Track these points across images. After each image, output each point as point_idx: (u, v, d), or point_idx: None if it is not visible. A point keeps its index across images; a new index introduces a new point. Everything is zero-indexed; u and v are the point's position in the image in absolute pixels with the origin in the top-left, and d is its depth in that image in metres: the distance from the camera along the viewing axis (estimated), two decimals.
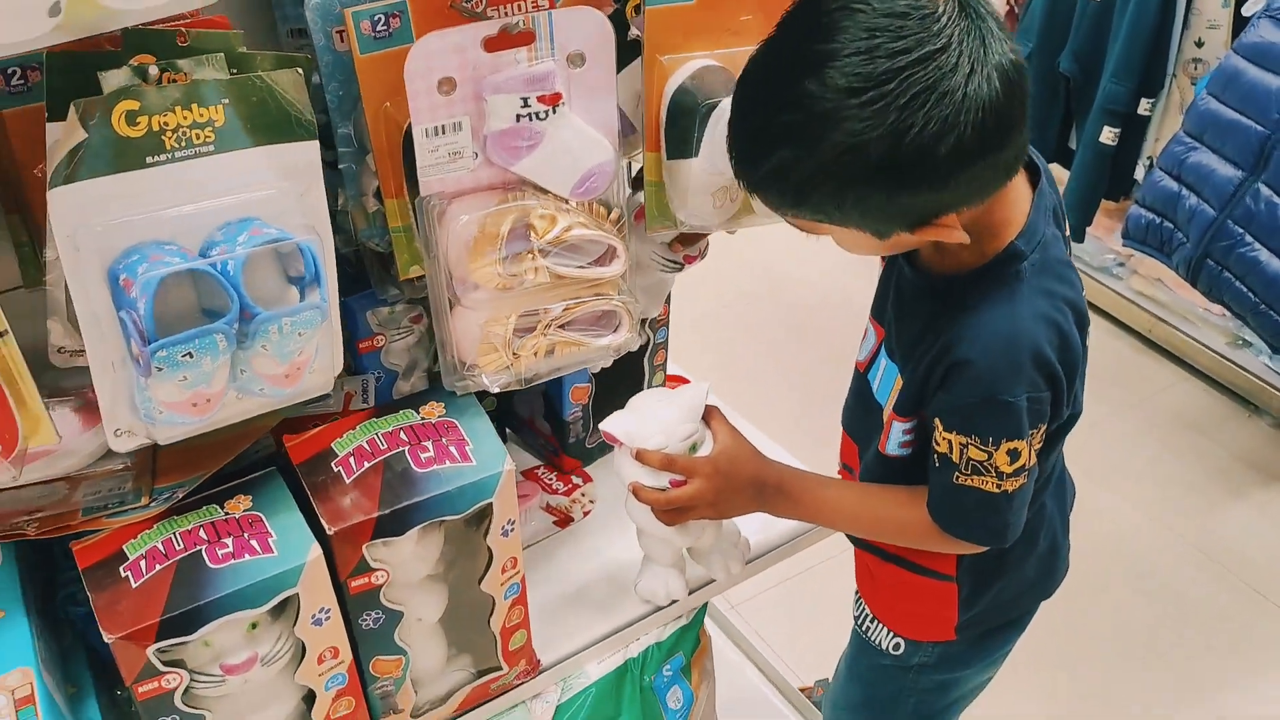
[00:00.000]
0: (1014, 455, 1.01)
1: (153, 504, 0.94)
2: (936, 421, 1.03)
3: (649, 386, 1.41)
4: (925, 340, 1.04)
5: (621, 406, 1.12)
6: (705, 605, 1.29)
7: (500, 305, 0.94)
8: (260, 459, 1.06)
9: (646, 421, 1.09)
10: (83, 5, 0.65)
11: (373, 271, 1.10)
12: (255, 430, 1.01)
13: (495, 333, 0.94)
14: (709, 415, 1.14)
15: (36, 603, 0.99)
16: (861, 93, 0.83)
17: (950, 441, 1.02)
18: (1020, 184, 1.01)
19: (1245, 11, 2.10)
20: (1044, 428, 1.03)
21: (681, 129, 0.98)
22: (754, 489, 1.12)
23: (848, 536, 1.25)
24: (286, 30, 1.06)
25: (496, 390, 0.97)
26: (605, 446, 1.30)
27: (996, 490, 1.02)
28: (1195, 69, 2.37)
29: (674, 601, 1.19)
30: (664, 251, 1.13)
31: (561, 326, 0.96)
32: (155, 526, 0.92)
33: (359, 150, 0.99)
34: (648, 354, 1.39)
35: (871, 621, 1.31)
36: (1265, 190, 1.95)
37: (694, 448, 1.11)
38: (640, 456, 1.09)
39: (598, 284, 0.96)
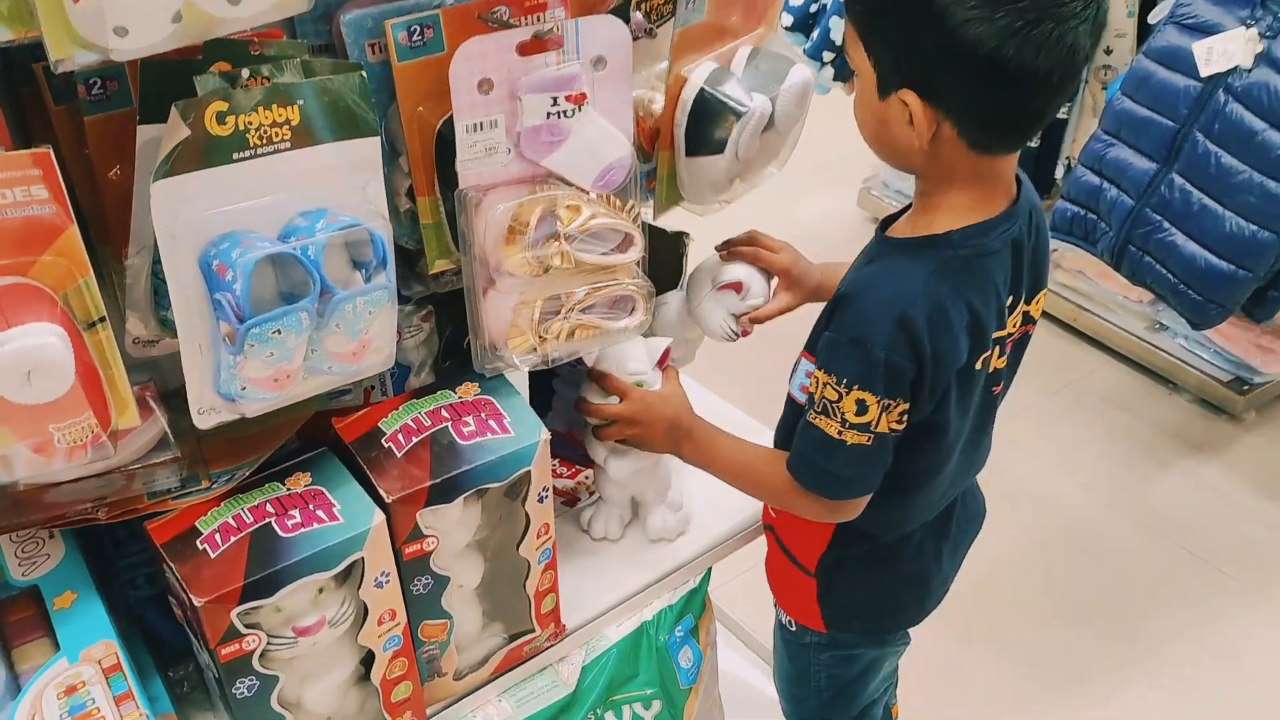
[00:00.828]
0: (861, 407, 1.05)
1: (214, 486, 1.01)
2: (814, 360, 1.11)
3: None
4: (841, 285, 1.12)
5: None
6: (709, 570, 1.38)
7: (529, 290, 1.03)
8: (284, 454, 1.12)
9: (609, 353, 1.24)
10: (198, 13, 0.73)
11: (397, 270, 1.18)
12: (296, 420, 1.08)
13: (524, 316, 1.03)
14: (666, 372, 1.26)
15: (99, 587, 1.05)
16: None
17: (816, 379, 1.09)
18: (989, 195, 1.07)
19: (1150, 19, 2.29)
20: (901, 406, 1.06)
21: (707, 131, 1.09)
22: (669, 426, 1.23)
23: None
24: (308, 48, 1.14)
25: (525, 370, 1.05)
26: None
27: (836, 436, 1.08)
28: (1105, 74, 2.56)
29: (607, 539, 1.35)
30: (734, 326, 1.27)
31: (583, 310, 1.05)
32: (223, 504, 0.99)
33: (391, 153, 1.07)
34: None
35: (775, 603, 1.42)
36: (1178, 179, 2.13)
37: (639, 385, 1.25)
38: (589, 372, 1.24)
39: (615, 269, 1.06)
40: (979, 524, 1.39)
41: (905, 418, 1.08)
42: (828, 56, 2.85)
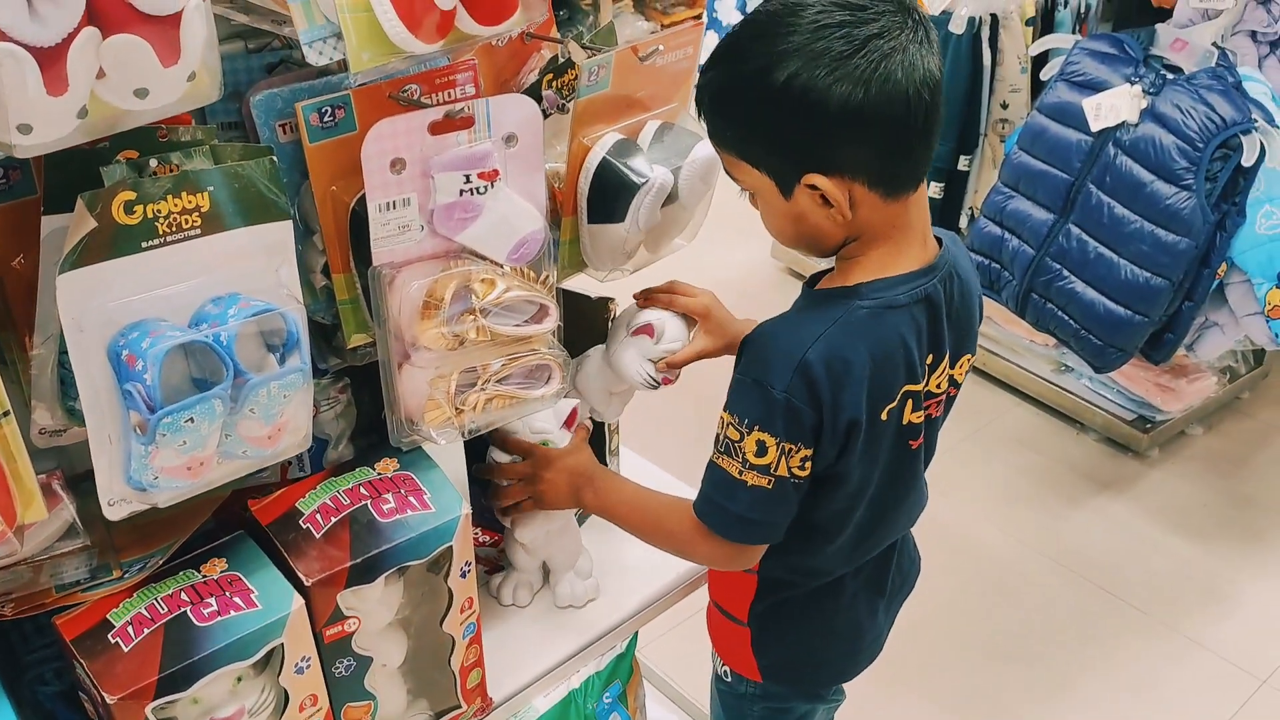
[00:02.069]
0: (761, 449, 1.07)
1: (126, 575, 0.99)
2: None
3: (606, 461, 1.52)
4: (751, 331, 1.15)
5: None
6: (636, 634, 1.39)
7: (444, 364, 1.03)
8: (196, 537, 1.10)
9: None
10: (104, 107, 0.73)
11: (313, 345, 1.18)
12: (211, 503, 1.07)
13: (440, 389, 1.03)
14: (577, 431, 1.29)
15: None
16: (790, 33, 1.00)
17: (721, 419, 1.11)
18: (903, 249, 1.10)
19: (1043, 76, 2.39)
20: (803, 451, 1.08)
21: (608, 199, 1.11)
22: (569, 477, 1.25)
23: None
24: (216, 125, 1.14)
25: (442, 443, 1.06)
26: None
27: (737, 476, 1.10)
28: (1003, 128, 2.66)
29: (515, 606, 1.36)
30: (651, 372, 1.26)
31: (499, 381, 1.05)
32: (135, 595, 0.96)
33: (305, 231, 1.07)
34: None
35: (713, 651, 1.42)
36: (1075, 229, 2.21)
37: (546, 444, 1.26)
38: (493, 435, 1.25)
39: (531, 340, 1.06)
40: (913, 581, 1.41)
41: (807, 464, 1.10)
42: None
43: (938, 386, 1.17)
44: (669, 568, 1.42)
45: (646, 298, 1.31)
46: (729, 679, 1.40)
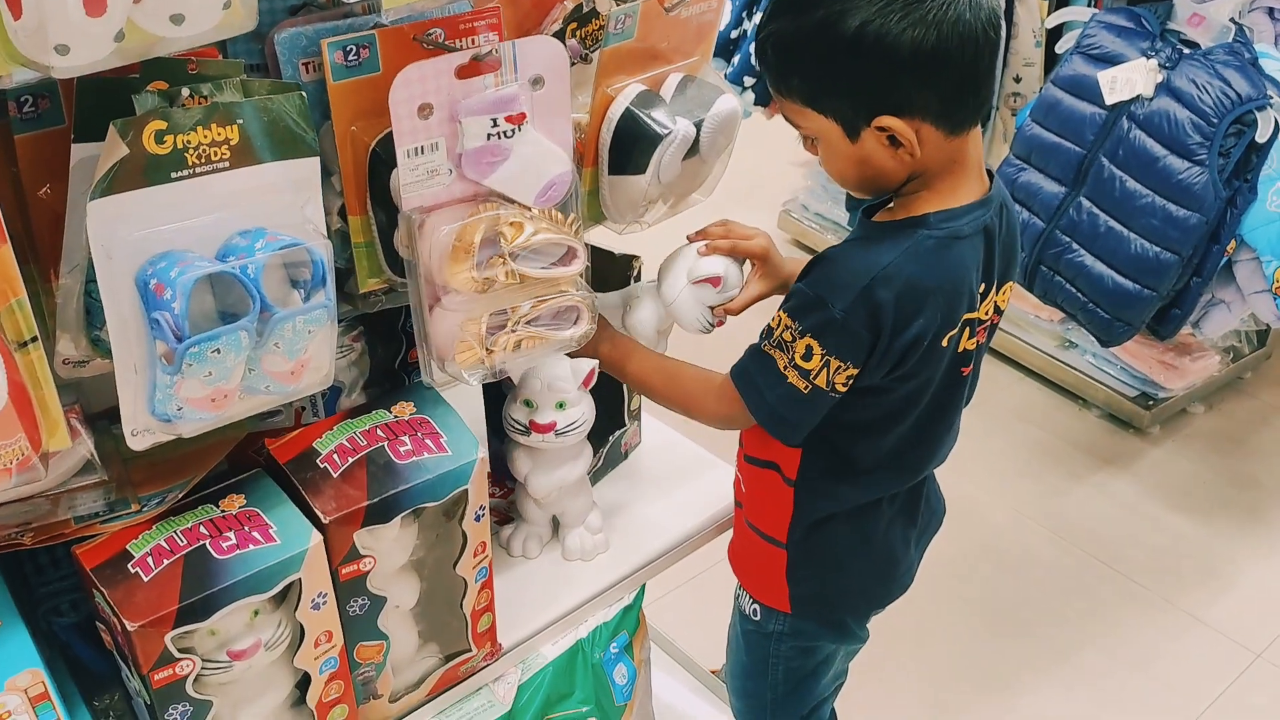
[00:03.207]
0: (808, 354, 1.12)
1: (144, 509, 1.00)
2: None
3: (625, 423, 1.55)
4: (823, 251, 1.19)
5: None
6: (644, 586, 1.40)
7: (474, 306, 1.03)
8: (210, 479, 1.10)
9: (536, 372, 1.26)
10: (141, 33, 0.73)
11: None
12: (229, 441, 1.08)
13: (471, 331, 1.04)
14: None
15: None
16: None
17: (778, 317, 1.16)
18: (961, 182, 1.14)
19: (1058, 49, 2.38)
20: (848, 370, 1.13)
21: (629, 150, 1.11)
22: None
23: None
24: (243, 65, 1.14)
25: (474, 384, 1.06)
26: None
27: (781, 369, 1.15)
28: (1015, 101, 2.65)
29: (525, 558, 1.37)
30: (710, 319, 1.28)
31: (529, 323, 1.06)
32: (154, 527, 0.97)
33: (322, 172, 1.07)
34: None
35: (739, 589, 1.45)
36: (1086, 203, 2.21)
37: (561, 405, 1.27)
38: None
39: (559, 282, 1.07)
40: (939, 521, 1.44)
41: (850, 383, 1.14)
42: (748, 81, 2.90)
43: (985, 313, 1.21)
44: (678, 524, 1.43)
45: (708, 245, 1.31)
46: (757, 617, 1.40)
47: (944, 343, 1.15)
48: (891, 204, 1.18)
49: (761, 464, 1.31)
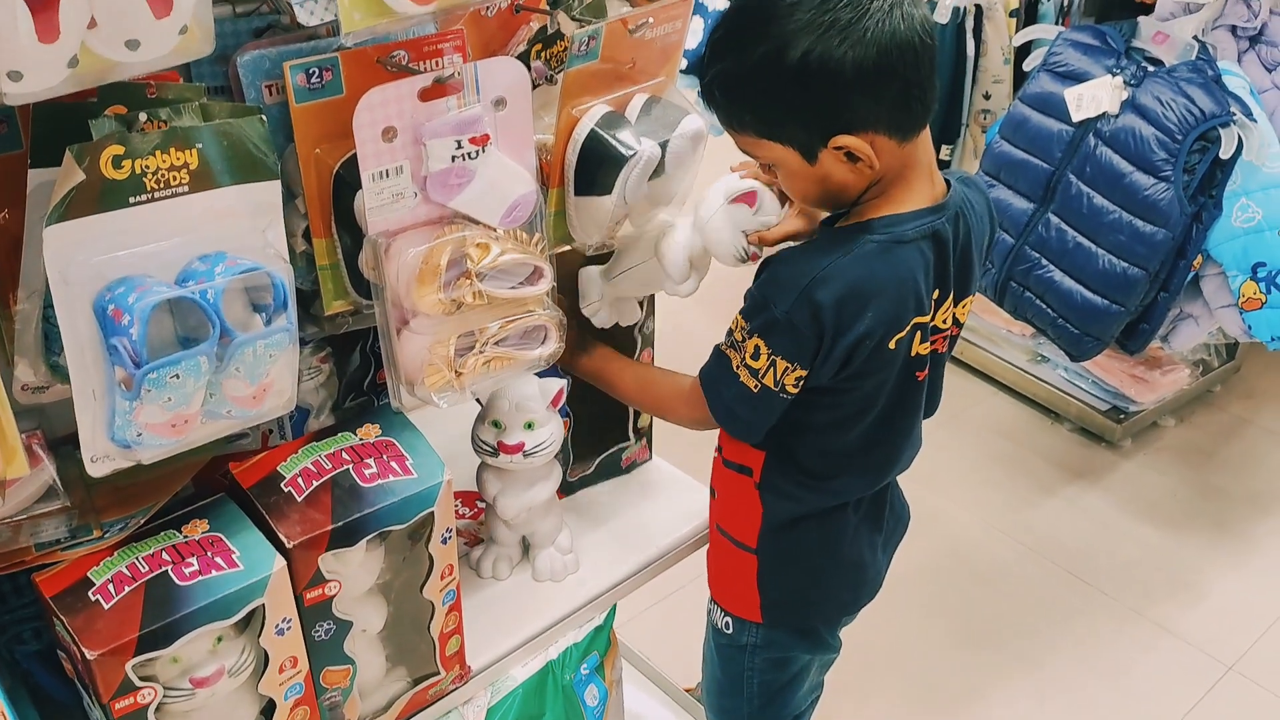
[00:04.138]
0: (756, 354, 1.17)
1: (106, 535, 0.99)
2: None
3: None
4: (770, 255, 1.24)
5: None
6: (615, 606, 1.39)
7: (442, 329, 1.03)
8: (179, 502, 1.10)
9: (505, 393, 1.27)
10: (95, 58, 0.72)
11: None
12: (192, 466, 1.07)
13: (439, 354, 1.03)
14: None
15: None
16: (793, 12, 1.07)
17: (735, 318, 1.21)
18: (911, 188, 1.16)
19: (1025, 67, 2.40)
20: (796, 371, 1.16)
21: (595, 171, 1.11)
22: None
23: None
24: (204, 89, 1.13)
25: (444, 406, 1.06)
26: None
27: (734, 369, 1.20)
28: (985, 119, 2.67)
29: (495, 579, 1.37)
30: (744, 245, 1.25)
31: (497, 343, 1.06)
32: (115, 554, 0.96)
33: (286, 194, 1.07)
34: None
35: (711, 603, 1.45)
36: (1054, 219, 2.23)
37: (530, 425, 1.27)
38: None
39: (526, 302, 1.07)
40: (904, 527, 1.46)
41: (800, 384, 1.18)
42: None
43: (944, 322, 1.23)
44: (649, 543, 1.43)
45: (745, 168, 1.31)
46: (730, 630, 1.42)
47: (891, 345, 1.17)
48: (849, 211, 1.21)
49: (737, 468, 1.33)
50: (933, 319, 1.21)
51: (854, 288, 1.13)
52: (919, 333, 1.19)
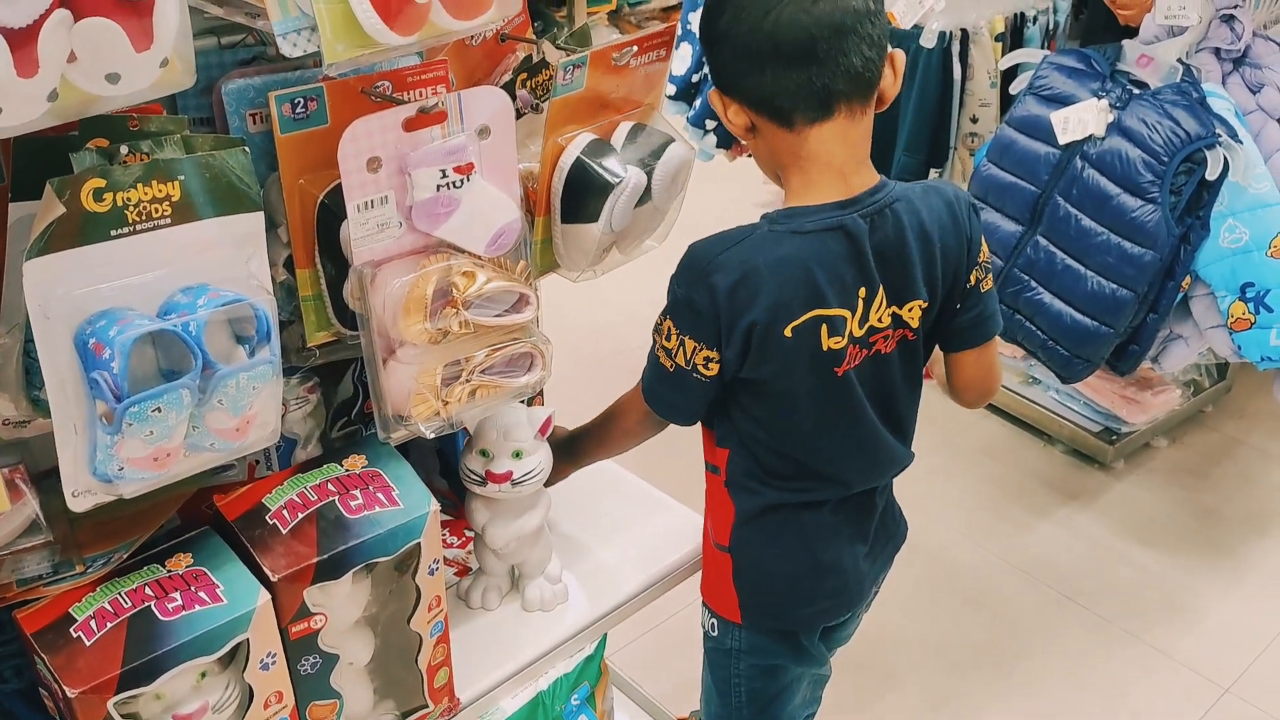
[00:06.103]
0: (668, 335, 1.23)
1: (89, 570, 0.98)
2: None
3: None
4: None
5: None
6: (605, 636, 1.38)
7: (429, 358, 1.03)
8: (164, 534, 1.09)
9: (493, 421, 1.28)
10: (75, 91, 0.72)
11: None
12: (176, 499, 1.06)
13: (426, 383, 1.03)
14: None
15: None
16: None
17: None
18: (816, 182, 1.18)
19: (1012, 90, 2.42)
20: (704, 351, 1.21)
21: (581, 199, 1.11)
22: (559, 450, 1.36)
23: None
24: (189, 120, 1.13)
25: (431, 436, 1.05)
26: None
27: (656, 350, 1.26)
28: (973, 142, 2.68)
29: (484, 610, 1.36)
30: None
31: (483, 372, 1.05)
32: (98, 589, 0.95)
33: (268, 223, 1.06)
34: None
35: (701, 605, 1.45)
36: (1043, 241, 2.24)
37: (518, 454, 1.27)
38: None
39: (512, 329, 1.06)
40: (898, 540, 1.46)
41: (712, 364, 1.22)
42: (710, 124, 2.93)
43: (880, 321, 1.23)
44: (638, 571, 1.42)
45: None
46: (715, 632, 1.43)
47: (787, 333, 1.18)
48: None
49: (710, 468, 1.36)
50: (862, 316, 1.21)
51: (744, 272, 1.17)
52: (825, 325, 1.19)
